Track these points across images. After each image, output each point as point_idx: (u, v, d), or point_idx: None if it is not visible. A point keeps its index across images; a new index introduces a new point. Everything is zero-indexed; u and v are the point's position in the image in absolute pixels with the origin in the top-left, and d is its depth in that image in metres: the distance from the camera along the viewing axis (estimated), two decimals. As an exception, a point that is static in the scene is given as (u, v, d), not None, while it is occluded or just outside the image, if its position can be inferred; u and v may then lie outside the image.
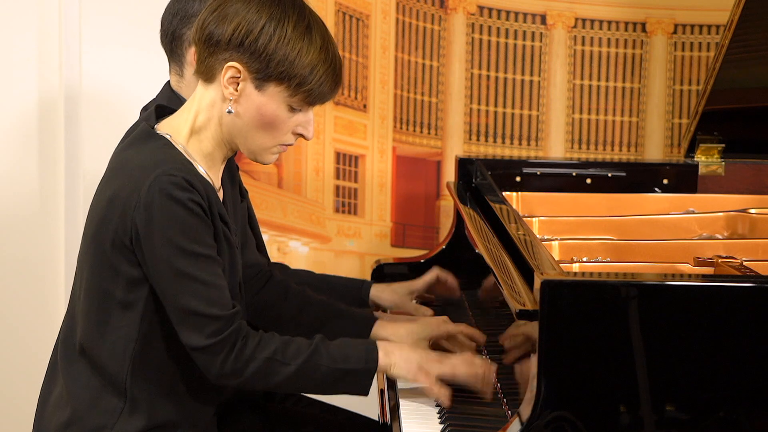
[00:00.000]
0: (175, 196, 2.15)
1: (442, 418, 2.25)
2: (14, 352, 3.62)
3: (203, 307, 2.17)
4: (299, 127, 2.26)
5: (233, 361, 2.18)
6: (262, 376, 2.21)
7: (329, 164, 3.78)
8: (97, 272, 2.25)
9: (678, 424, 1.98)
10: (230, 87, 2.21)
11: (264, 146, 2.26)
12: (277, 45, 2.18)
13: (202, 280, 2.17)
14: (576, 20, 3.77)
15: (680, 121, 3.79)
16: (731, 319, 1.98)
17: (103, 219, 2.23)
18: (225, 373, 2.19)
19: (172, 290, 2.17)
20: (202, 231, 2.18)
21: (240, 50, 2.18)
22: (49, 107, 3.56)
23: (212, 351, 2.18)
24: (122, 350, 2.24)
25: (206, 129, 2.26)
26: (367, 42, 3.77)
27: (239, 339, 2.19)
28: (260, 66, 2.19)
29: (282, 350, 2.22)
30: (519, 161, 3.35)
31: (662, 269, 2.57)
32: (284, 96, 2.21)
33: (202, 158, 2.27)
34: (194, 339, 2.18)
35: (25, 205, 3.59)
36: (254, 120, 2.23)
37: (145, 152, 2.23)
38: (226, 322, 2.18)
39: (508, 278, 2.23)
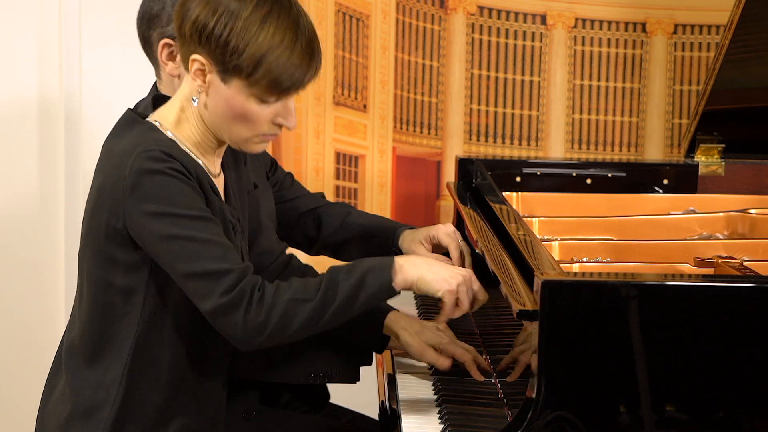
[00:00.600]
0: (154, 168, 2.13)
1: (443, 417, 2.25)
2: (14, 351, 3.62)
3: (210, 264, 2.12)
4: (278, 118, 2.22)
5: (255, 313, 2.12)
6: (286, 320, 2.13)
7: (329, 164, 3.78)
8: (96, 263, 2.25)
9: (678, 424, 1.98)
10: (198, 79, 2.19)
11: (243, 137, 2.23)
12: (228, 36, 2.13)
13: (202, 239, 2.13)
14: (576, 20, 3.77)
15: (680, 121, 3.79)
16: (731, 319, 1.98)
17: (95, 210, 2.23)
18: (249, 330, 2.12)
19: (176, 259, 2.13)
20: (189, 194, 2.15)
21: (200, 43, 2.16)
22: (49, 107, 3.56)
23: (230, 308, 2.11)
24: (124, 338, 2.23)
25: (189, 119, 2.26)
26: (367, 42, 3.77)
27: (255, 290, 2.14)
28: (218, 59, 2.16)
29: (302, 288, 2.15)
30: (519, 161, 3.35)
31: (662, 269, 2.57)
32: (245, 89, 2.17)
33: (193, 145, 2.26)
34: (209, 302, 2.11)
35: (25, 205, 3.59)
36: (225, 113, 2.20)
37: (128, 138, 2.22)
38: (237, 276, 2.13)
39: (508, 278, 2.23)
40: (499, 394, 2.36)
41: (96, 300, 2.26)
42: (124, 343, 2.24)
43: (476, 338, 2.70)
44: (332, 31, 3.74)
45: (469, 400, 2.33)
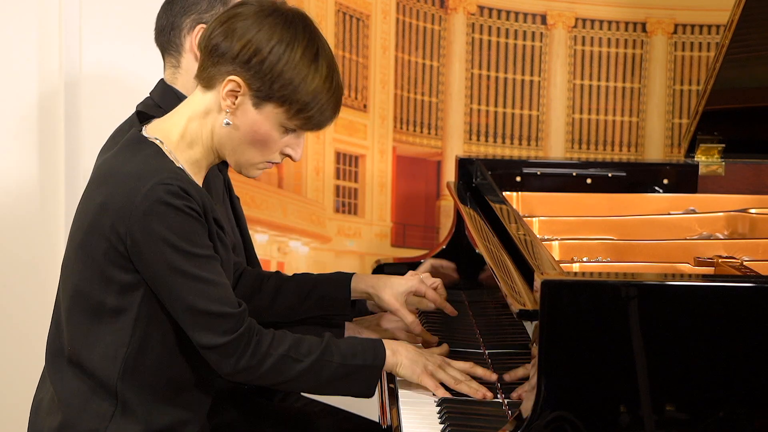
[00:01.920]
0: (172, 204, 2.16)
1: (443, 418, 2.25)
2: (13, 352, 3.62)
3: (214, 306, 2.18)
4: (288, 148, 2.27)
5: (249, 357, 2.21)
6: (275, 373, 2.23)
7: (329, 164, 3.78)
8: (87, 279, 2.24)
9: (678, 424, 1.98)
10: (228, 99, 2.22)
11: (251, 161, 2.28)
12: (283, 68, 2.18)
13: (209, 280, 2.18)
14: (576, 20, 3.77)
15: (680, 121, 3.79)
16: (731, 319, 1.98)
17: (93, 226, 2.22)
18: (239, 370, 2.21)
19: (181, 293, 2.17)
20: (201, 233, 2.20)
21: (245, 67, 2.19)
22: (49, 102, 3.56)
23: (228, 349, 2.19)
24: (113, 355, 2.24)
25: (197, 135, 2.26)
26: (368, 42, 3.77)
27: (254, 336, 2.22)
28: (262, 85, 2.19)
29: (296, 347, 2.25)
30: (519, 161, 3.35)
31: (662, 269, 2.57)
32: (281, 118, 2.22)
33: (189, 165, 2.27)
34: (209, 338, 2.19)
35: (25, 205, 3.59)
36: (246, 135, 2.24)
37: (137, 160, 2.22)
38: (238, 320, 2.20)
39: (509, 278, 2.23)
40: (499, 394, 2.36)
41: (83, 314, 2.26)
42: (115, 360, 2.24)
43: (476, 338, 2.70)
44: (332, 30, 3.74)
45: (469, 400, 2.33)
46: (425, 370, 2.35)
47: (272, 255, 3.74)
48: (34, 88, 3.55)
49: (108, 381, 2.24)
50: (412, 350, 2.37)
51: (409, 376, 2.35)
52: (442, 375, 2.36)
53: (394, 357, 2.33)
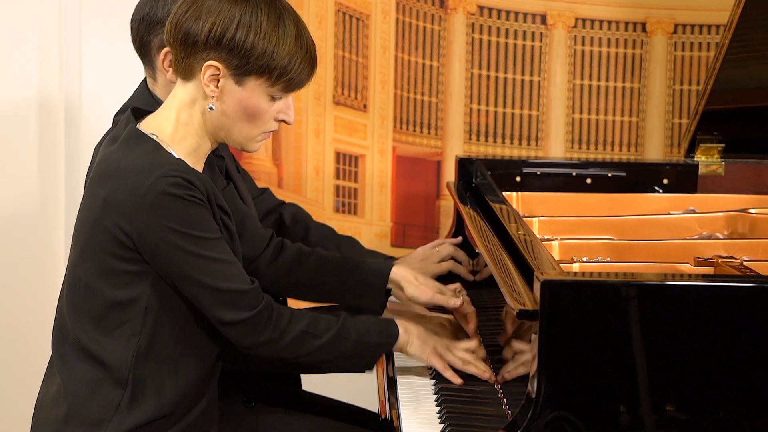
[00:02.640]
0: (176, 194, 2.19)
1: (442, 417, 2.25)
2: (14, 350, 3.62)
3: (232, 283, 2.24)
4: (281, 114, 2.31)
5: (270, 331, 2.27)
6: (294, 348, 2.30)
7: (329, 164, 3.78)
8: (94, 274, 2.26)
9: (678, 424, 1.98)
10: (211, 85, 2.25)
11: (249, 136, 2.31)
12: (254, 40, 2.21)
13: (222, 259, 2.24)
14: (576, 20, 3.77)
15: (680, 121, 3.79)
16: (731, 319, 1.98)
17: (97, 221, 2.24)
18: (261, 343, 2.28)
19: (197, 275, 2.22)
20: (208, 218, 2.24)
21: (218, 49, 2.22)
22: (50, 108, 3.56)
23: (251, 323, 2.26)
24: (125, 345, 2.26)
25: (189, 126, 2.29)
26: (367, 42, 3.77)
27: (274, 311, 2.29)
28: (240, 62, 2.23)
29: (314, 324, 2.32)
30: (519, 161, 3.35)
31: (662, 269, 2.57)
32: (264, 87, 2.25)
33: (187, 155, 2.29)
34: (231, 314, 2.24)
35: (25, 205, 3.59)
36: (237, 113, 2.27)
37: (137, 154, 2.25)
38: (256, 295, 2.27)
39: (508, 278, 2.23)
40: (499, 393, 2.36)
41: (92, 309, 2.27)
42: (126, 351, 2.26)
43: (476, 338, 2.70)
44: (332, 30, 3.74)
45: (469, 400, 2.33)
46: (434, 351, 2.43)
47: (272, 255, 3.73)
48: (34, 88, 3.55)
49: (120, 370, 2.26)
50: (422, 331, 2.45)
51: (418, 355, 2.42)
52: (450, 357, 2.43)
53: (407, 335, 2.41)
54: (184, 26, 2.24)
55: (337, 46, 3.75)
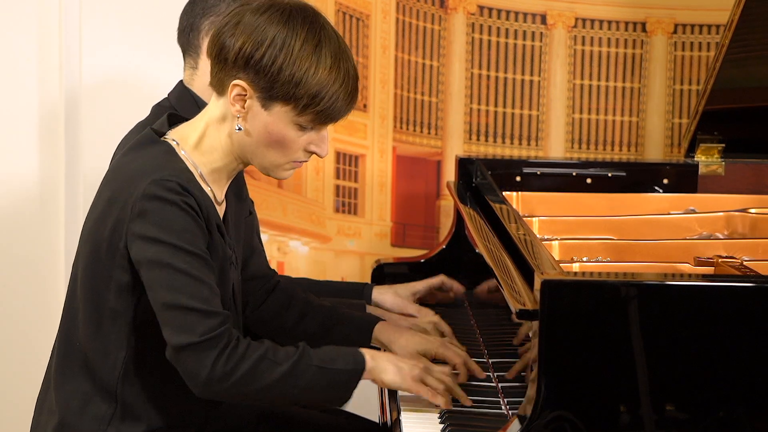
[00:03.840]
0: (167, 198, 2.13)
1: (442, 418, 2.25)
2: (14, 352, 3.62)
3: (196, 303, 2.11)
4: (312, 145, 2.22)
5: (225, 360, 2.12)
6: (252, 376, 2.14)
7: (329, 164, 3.78)
8: (91, 274, 2.23)
9: (678, 424, 1.98)
10: (237, 104, 2.17)
11: (275, 163, 2.23)
12: (282, 64, 2.13)
13: (195, 276, 2.12)
14: (576, 20, 3.77)
15: (680, 120, 3.79)
16: (731, 318, 1.98)
17: (100, 220, 2.21)
18: (215, 376, 2.12)
19: (165, 287, 2.11)
20: (195, 232, 2.15)
21: (246, 69, 2.14)
22: (50, 107, 3.56)
23: (203, 348, 2.11)
24: (114, 357, 2.22)
25: (216, 142, 2.23)
26: (367, 42, 3.77)
27: (232, 339, 2.14)
28: (266, 85, 2.14)
29: (273, 351, 2.17)
30: (519, 161, 3.35)
31: (662, 269, 2.57)
32: (292, 115, 2.16)
33: (209, 172, 2.24)
34: (184, 337, 2.10)
35: (25, 205, 3.59)
36: (262, 138, 2.19)
37: (146, 157, 2.21)
38: (220, 321, 2.13)
39: (508, 278, 2.23)
40: (499, 394, 2.36)
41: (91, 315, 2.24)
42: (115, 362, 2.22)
43: (476, 338, 2.70)
44: (332, 30, 3.74)
45: (469, 400, 2.33)
46: (412, 375, 2.27)
47: (272, 255, 3.73)
48: (35, 90, 3.55)
49: (109, 383, 2.23)
50: (393, 357, 2.30)
51: (396, 382, 2.26)
52: (432, 381, 2.28)
53: (374, 362, 2.24)
54: (221, 39, 2.17)
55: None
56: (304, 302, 2.57)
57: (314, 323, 2.53)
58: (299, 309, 2.55)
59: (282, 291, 2.59)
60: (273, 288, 2.58)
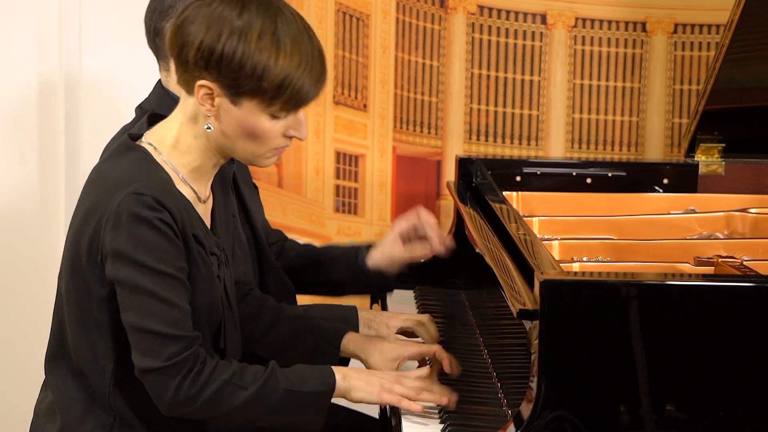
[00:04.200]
0: (141, 216, 2.08)
1: (442, 417, 2.25)
2: (14, 352, 3.62)
3: (163, 327, 2.08)
4: (290, 130, 2.18)
5: (189, 385, 2.10)
6: (217, 401, 2.11)
7: (329, 164, 3.78)
8: (74, 287, 2.20)
9: (678, 424, 1.98)
10: (206, 104, 2.14)
11: (256, 154, 2.19)
12: (242, 60, 2.07)
13: (165, 299, 2.09)
14: (576, 20, 3.77)
15: (680, 120, 3.79)
16: (731, 318, 1.98)
17: (79, 231, 2.18)
18: (179, 400, 2.10)
19: (133, 309, 2.09)
20: (169, 251, 2.11)
21: (208, 68, 2.10)
22: (50, 102, 3.56)
23: (168, 373, 2.09)
24: (102, 368, 2.20)
25: (191, 141, 2.19)
26: (367, 42, 3.77)
27: (197, 363, 2.11)
28: (230, 82, 2.10)
29: (239, 374, 2.14)
30: (519, 161, 3.34)
31: (662, 269, 2.57)
32: (262, 107, 2.12)
33: (189, 172, 2.21)
34: (149, 361, 2.08)
35: (25, 205, 3.59)
36: (237, 133, 2.15)
37: (123, 166, 2.16)
38: (185, 345, 2.10)
39: (508, 278, 2.23)
40: (499, 393, 2.36)
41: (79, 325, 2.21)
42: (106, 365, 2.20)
43: (476, 338, 2.70)
44: (332, 30, 3.74)
45: (469, 400, 2.33)
46: (383, 388, 2.22)
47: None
48: (34, 88, 3.55)
49: (102, 393, 2.21)
50: (364, 372, 2.26)
51: (367, 398, 2.22)
52: (401, 389, 2.23)
53: (345, 381, 2.20)
54: (179, 40, 2.12)
55: (337, 45, 3.75)
56: (275, 311, 2.53)
57: (283, 333, 2.49)
58: (269, 318, 2.51)
59: (253, 299, 2.55)
60: (245, 295, 2.54)
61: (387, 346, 2.44)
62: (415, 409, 2.23)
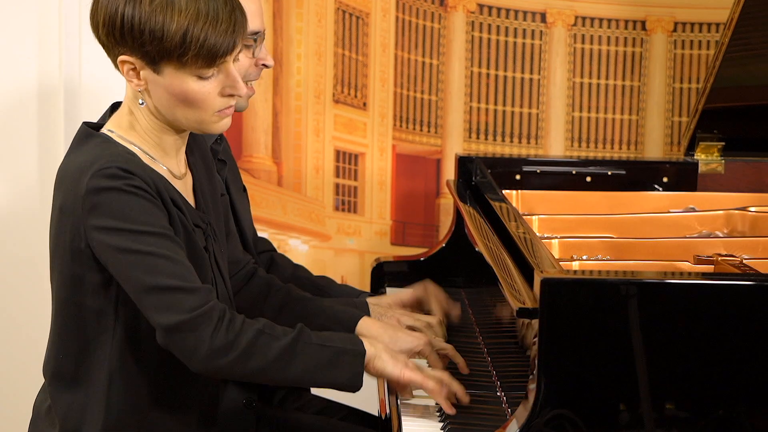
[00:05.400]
0: (111, 186, 2.07)
1: (442, 416, 2.25)
2: (14, 352, 3.62)
3: (175, 281, 2.06)
4: (226, 88, 2.15)
5: (225, 331, 2.06)
6: (253, 351, 2.08)
7: (329, 162, 3.78)
8: (64, 285, 2.19)
9: (677, 422, 1.98)
10: (133, 79, 2.14)
11: (200, 119, 2.17)
12: (140, 26, 2.07)
13: (164, 255, 2.07)
14: (576, 18, 3.77)
15: (680, 119, 3.79)
16: (731, 317, 1.98)
17: (58, 230, 2.17)
18: (215, 348, 2.06)
19: (137, 273, 2.06)
20: (150, 211, 2.10)
21: (120, 41, 2.11)
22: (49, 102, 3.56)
23: (198, 323, 2.06)
24: (99, 361, 2.19)
25: (143, 121, 2.20)
26: (367, 40, 3.77)
27: (225, 313, 2.09)
28: (141, 51, 2.10)
29: (270, 326, 2.12)
30: (519, 159, 3.35)
31: (662, 267, 2.57)
32: (179, 70, 2.10)
33: (153, 149, 2.20)
34: (175, 316, 2.05)
35: (25, 204, 3.59)
36: (172, 102, 2.14)
37: (83, 153, 2.16)
38: (205, 295, 2.08)
39: (508, 276, 2.23)
40: (498, 392, 2.36)
41: (67, 323, 2.21)
42: (102, 365, 2.19)
43: (476, 336, 2.70)
44: (332, 29, 3.74)
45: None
46: (407, 365, 2.21)
47: (272, 253, 3.73)
48: (34, 89, 3.55)
49: (98, 389, 2.20)
50: (389, 349, 2.24)
51: (389, 369, 2.19)
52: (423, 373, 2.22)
53: (372, 348, 2.18)
54: (93, 23, 2.15)
55: (336, 44, 3.75)
56: (284, 293, 2.51)
57: (294, 315, 2.45)
58: (278, 300, 2.49)
59: (261, 280, 2.52)
60: (251, 276, 2.52)
61: (401, 336, 2.40)
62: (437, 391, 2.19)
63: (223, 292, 2.30)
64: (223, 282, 2.31)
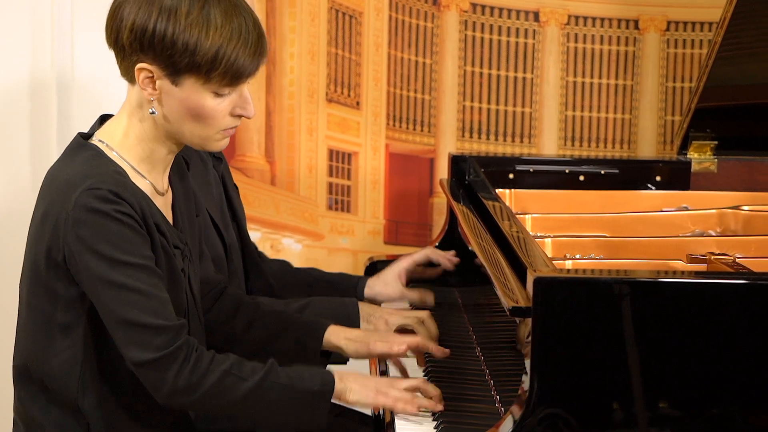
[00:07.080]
0: (100, 209, 2.07)
1: (435, 415, 2.25)
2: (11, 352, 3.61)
3: (146, 317, 2.06)
4: (236, 109, 2.16)
5: (189, 373, 2.08)
6: (219, 393, 2.09)
7: (322, 161, 3.78)
8: (35, 293, 2.18)
9: (671, 421, 1.98)
10: (148, 88, 2.13)
11: (204, 136, 2.17)
12: (173, 37, 2.07)
13: (140, 290, 2.07)
14: (569, 17, 3.77)
15: (673, 118, 3.79)
16: (724, 316, 1.98)
17: (36, 237, 2.16)
18: (179, 389, 2.08)
19: (111, 304, 2.07)
20: (134, 241, 2.09)
21: (143, 49, 2.10)
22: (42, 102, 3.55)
23: (163, 364, 2.07)
24: (68, 373, 2.17)
25: (140, 131, 2.18)
26: (360, 39, 3.77)
27: (192, 352, 2.09)
28: (166, 61, 2.09)
29: (238, 366, 2.12)
30: (512, 158, 3.35)
31: (655, 266, 2.58)
32: (201, 84, 2.11)
33: (140, 162, 2.19)
34: (141, 353, 2.06)
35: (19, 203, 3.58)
36: (183, 115, 2.14)
37: (74, 166, 2.15)
38: (174, 334, 2.08)
39: (501, 275, 2.23)
40: (491, 391, 2.36)
41: (38, 332, 2.19)
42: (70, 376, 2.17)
43: (469, 335, 2.70)
44: (325, 28, 3.74)
45: (461, 397, 2.33)
46: (378, 391, 2.21)
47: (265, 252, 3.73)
48: (26, 87, 3.54)
49: (69, 400, 2.18)
50: (360, 376, 2.24)
51: (363, 400, 2.21)
52: (396, 393, 2.23)
53: (342, 383, 2.18)
54: (114, 25, 2.12)
55: (329, 43, 3.74)
56: (253, 308, 2.49)
57: (263, 330, 2.45)
58: (248, 316, 2.47)
59: (229, 297, 2.51)
60: (219, 295, 2.50)
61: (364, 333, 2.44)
62: (410, 411, 2.22)
63: (193, 313, 2.28)
64: (194, 304, 2.29)
